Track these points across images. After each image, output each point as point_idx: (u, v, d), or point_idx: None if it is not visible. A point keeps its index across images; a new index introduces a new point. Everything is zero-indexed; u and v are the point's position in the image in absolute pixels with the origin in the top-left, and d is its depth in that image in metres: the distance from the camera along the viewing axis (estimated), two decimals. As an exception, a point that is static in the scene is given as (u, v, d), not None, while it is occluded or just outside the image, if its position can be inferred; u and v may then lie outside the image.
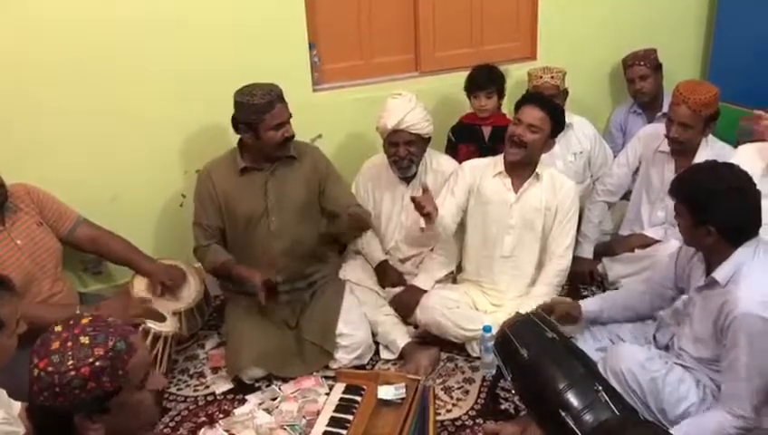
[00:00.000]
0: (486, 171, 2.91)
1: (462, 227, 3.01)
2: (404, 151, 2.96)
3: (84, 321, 1.36)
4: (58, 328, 1.35)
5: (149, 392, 1.42)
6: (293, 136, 2.78)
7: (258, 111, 2.66)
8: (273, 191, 2.82)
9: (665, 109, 3.45)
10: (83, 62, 2.90)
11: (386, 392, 2.23)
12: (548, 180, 2.86)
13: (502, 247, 2.90)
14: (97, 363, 1.30)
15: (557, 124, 2.81)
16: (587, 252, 3.31)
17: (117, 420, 1.36)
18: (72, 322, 1.36)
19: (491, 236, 2.92)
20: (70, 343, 1.31)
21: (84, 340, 1.32)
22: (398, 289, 3.07)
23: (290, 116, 2.75)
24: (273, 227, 2.84)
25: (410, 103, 2.94)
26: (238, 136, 2.82)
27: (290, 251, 2.87)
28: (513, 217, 2.86)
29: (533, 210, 2.85)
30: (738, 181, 2.10)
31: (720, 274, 2.11)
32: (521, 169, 2.84)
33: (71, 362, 1.29)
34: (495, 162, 2.91)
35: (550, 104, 2.82)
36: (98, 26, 2.88)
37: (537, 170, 2.84)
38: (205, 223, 2.85)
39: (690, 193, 2.13)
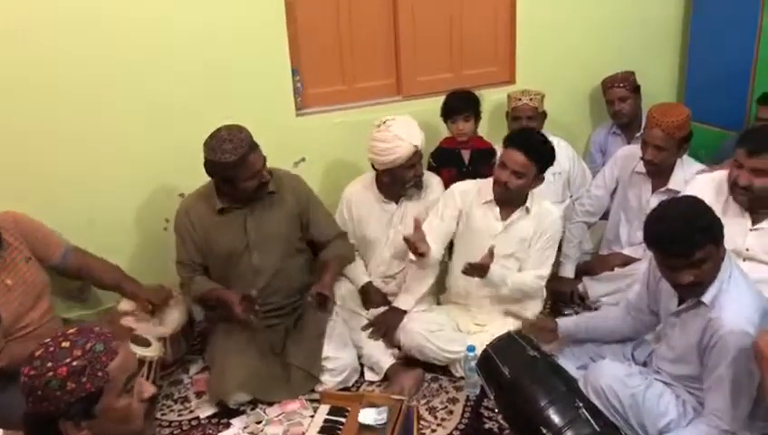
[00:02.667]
0: (476, 198, 2.91)
1: (449, 247, 3.05)
2: (420, 169, 3.02)
3: (71, 331, 1.41)
4: (47, 340, 1.39)
5: (139, 401, 1.44)
6: (270, 178, 2.77)
7: (233, 168, 2.65)
8: (254, 228, 2.82)
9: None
10: (66, 85, 2.92)
11: (366, 417, 2.24)
12: (536, 212, 2.85)
13: None
14: (74, 363, 1.34)
15: (543, 163, 2.77)
16: (568, 271, 3.36)
17: (104, 428, 1.38)
18: (60, 333, 1.40)
19: (474, 260, 2.92)
20: (52, 349, 1.36)
21: (65, 344, 1.36)
22: (380, 309, 3.09)
23: (264, 160, 2.73)
24: (255, 263, 2.84)
25: (412, 120, 2.99)
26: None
27: (274, 285, 2.88)
28: (497, 246, 2.83)
29: (519, 241, 2.86)
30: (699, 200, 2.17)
31: (707, 296, 2.12)
32: (509, 201, 2.84)
33: (50, 364, 1.33)
34: (484, 190, 2.89)
35: (534, 145, 2.76)
36: (81, 52, 2.91)
37: (527, 204, 2.84)
38: (186, 259, 2.85)
39: (707, 228, 2.05)
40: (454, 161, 3.43)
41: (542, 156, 2.76)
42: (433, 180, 3.18)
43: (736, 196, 2.61)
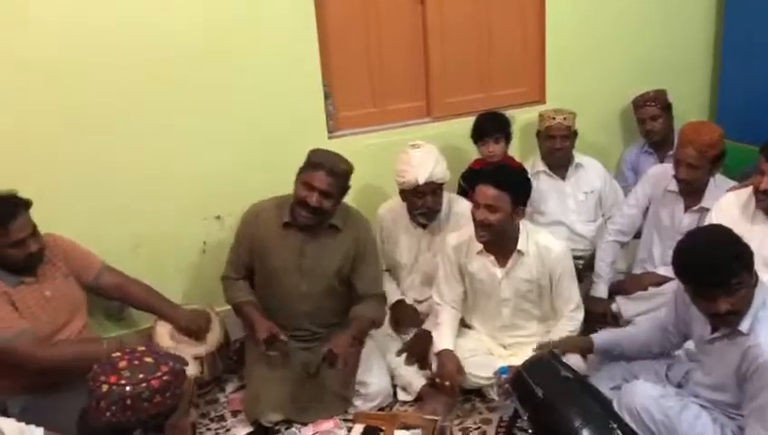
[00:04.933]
0: (469, 249, 2.85)
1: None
2: (431, 202, 3.00)
3: (141, 348, 1.49)
4: (118, 354, 1.46)
5: (189, 424, 1.51)
6: (322, 212, 2.74)
7: (306, 163, 2.77)
8: (310, 255, 2.83)
9: (676, 147, 3.50)
10: (104, 111, 2.99)
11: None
12: (534, 252, 2.76)
13: (501, 319, 2.90)
14: (164, 378, 1.42)
15: (517, 192, 2.67)
16: (601, 291, 3.32)
17: None
18: (128, 350, 1.48)
19: (488, 310, 2.92)
20: (137, 362, 1.43)
21: (149, 359, 1.44)
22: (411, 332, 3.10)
23: (329, 194, 2.73)
24: (302, 289, 2.86)
25: (435, 154, 2.98)
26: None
27: (314, 315, 2.90)
28: (504, 292, 2.83)
29: (524, 282, 2.80)
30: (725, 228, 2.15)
31: (744, 325, 2.10)
32: (499, 246, 2.76)
33: (142, 376, 1.41)
34: (474, 239, 2.77)
35: (503, 177, 2.69)
36: (119, 75, 2.98)
37: (519, 247, 2.74)
38: (236, 258, 2.92)
39: (740, 255, 2.04)
40: (485, 183, 3.44)
41: (513, 184, 2.67)
42: (463, 207, 3.13)
43: (759, 202, 2.61)
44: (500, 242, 2.75)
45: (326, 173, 2.71)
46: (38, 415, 2.44)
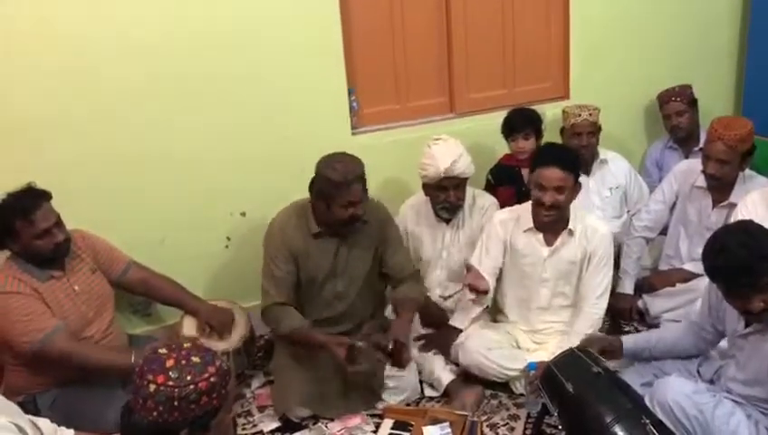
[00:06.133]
0: (517, 226, 2.87)
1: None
2: (454, 196, 3.00)
3: (186, 345, 1.47)
4: (164, 350, 1.44)
5: (230, 419, 1.50)
6: (362, 216, 2.73)
7: (333, 187, 2.64)
8: (345, 257, 2.82)
9: (701, 143, 3.46)
10: (131, 108, 3.01)
11: (431, 433, 2.26)
12: (581, 232, 2.80)
13: (538, 300, 2.90)
14: (212, 380, 1.41)
15: (577, 171, 2.75)
16: (627, 288, 3.32)
17: None
18: (174, 346, 1.46)
19: (526, 289, 2.92)
20: (184, 362, 1.41)
21: (196, 359, 1.42)
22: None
23: (363, 198, 2.71)
24: (339, 289, 2.86)
25: (459, 148, 2.97)
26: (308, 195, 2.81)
27: (350, 313, 2.90)
28: (547, 271, 2.84)
29: (569, 263, 2.82)
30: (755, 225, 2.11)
31: None
32: (554, 225, 2.79)
33: (189, 377, 1.39)
34: (524, 218, 2.84)
35: (566, 158, 2.74)
36: (146, 72, 3.00)
37: (570, 226, 2.79)
38: (280, 275, 2.76)
39: (751, 267, 2.02)
40: (513, 179, 3.42)
41: (574, 163, 2.74)
42: (487, 201, 3.16)
43: None
44: (557, 221, 2.77)
45: (359, 183, 2.67)
46: (67, 407, 2.49)
